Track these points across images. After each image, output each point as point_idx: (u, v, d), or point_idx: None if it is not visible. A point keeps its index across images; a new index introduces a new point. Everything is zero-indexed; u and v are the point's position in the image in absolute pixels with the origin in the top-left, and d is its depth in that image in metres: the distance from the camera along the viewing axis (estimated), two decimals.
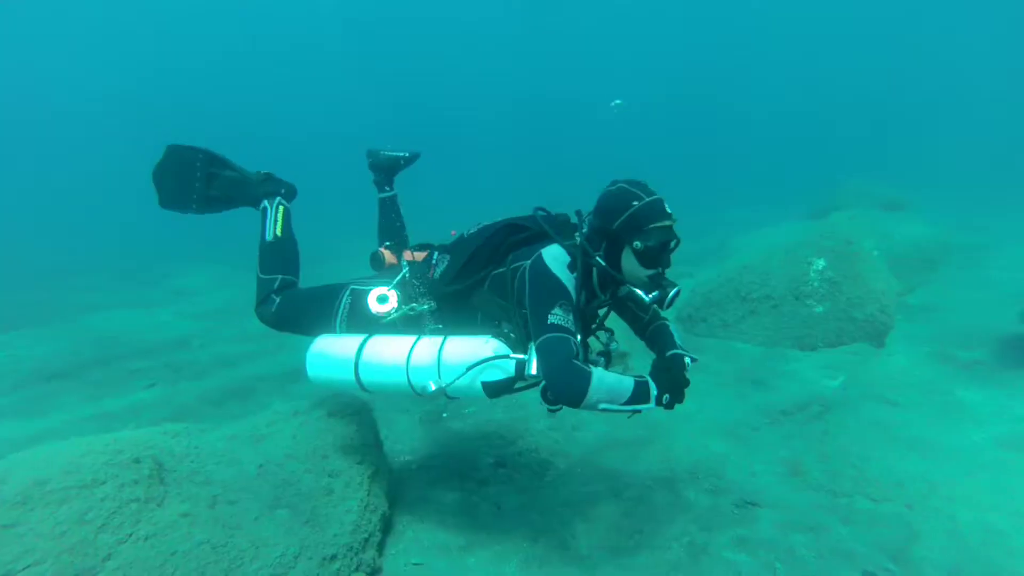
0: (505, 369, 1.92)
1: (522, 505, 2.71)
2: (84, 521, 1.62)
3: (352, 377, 2.17)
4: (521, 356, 1.93)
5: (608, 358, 2.23)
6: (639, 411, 1.89)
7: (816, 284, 5.02)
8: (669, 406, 1.93)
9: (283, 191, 2.72)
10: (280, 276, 2.55)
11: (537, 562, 2.28)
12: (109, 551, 1.59)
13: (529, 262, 1.96)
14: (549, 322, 1.83)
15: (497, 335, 2.00)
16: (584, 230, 2.08)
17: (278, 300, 2.50)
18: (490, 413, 3.67)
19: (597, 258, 2.01)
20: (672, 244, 1.98)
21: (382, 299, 2.22)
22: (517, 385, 1.99)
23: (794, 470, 2.85)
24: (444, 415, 3.74)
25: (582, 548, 2.35)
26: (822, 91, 37.10)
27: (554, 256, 1.96)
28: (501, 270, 2.07)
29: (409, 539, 2.41)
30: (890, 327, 5.00)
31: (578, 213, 2.19)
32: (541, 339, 1.82)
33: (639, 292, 1.96)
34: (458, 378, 1.93)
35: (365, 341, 2.19)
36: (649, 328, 2.40)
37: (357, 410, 2.75)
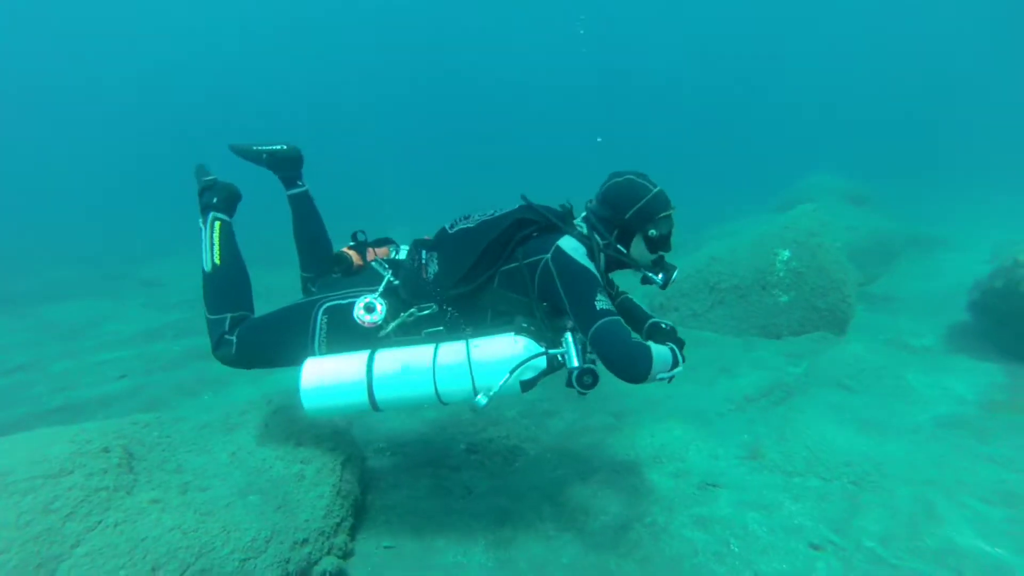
0: (537, 365, 1.93)
1: (492, 489, 2.79)
2: (50, 510, 1.64)
3: (365, 399, 1.98)
4: (556, 350, 1.96)
5: None
6: (674, 375, 1.95)
7: (782, 274, 5.20)
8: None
9: (216, 200, 2.35)
10: (229, 315, 2.24)
11: (505, 543, 2.36)
12: (77, 538, 1.61)
13: (549, 256, 1.97)
14: (598, 308, 1.86)
15: (517, 331, 1.99)
16: (589, 220, 2.19)
17: (235, 340, 2.20)
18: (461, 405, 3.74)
19: (620, 248, 2.12)
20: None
21: (370, 309, 2.06)
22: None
23: (753, 453, 2.99)
24: None
25: (549, 529, 2.44)
26: (791, 87, 37.91)
27: (572, 247, 2.00)
28: (512, 266, 2.03)
29: (381, 523, 2.47)
30: (851, 316, 5.22)
31: (564, 205, 2.23)
32: (597, 325, 1.84)
33: (651, 275, 2.15)
34: (504, 381, 1.87)
35: (372, 357, 1.99)
36: (618, 300, 2.50)
37: None
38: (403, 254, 2.37)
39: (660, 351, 1.92)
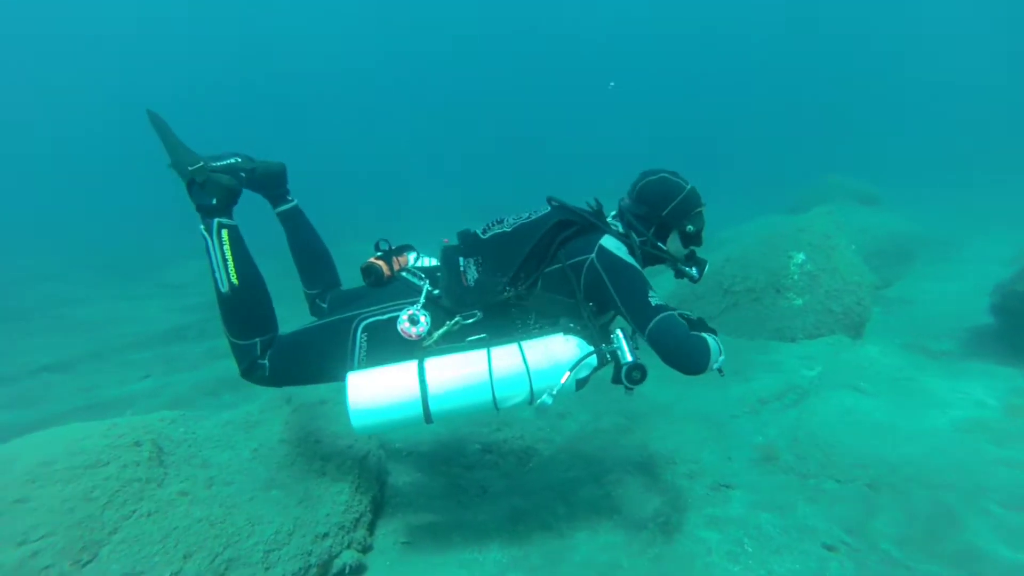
0: (589, 363, 1.94)
1: (506, 489, 2.84)
2: (90, 498, 1.72)
3: (419, 411, 1.86)
4: (607, 347, 1.97)
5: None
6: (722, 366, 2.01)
7: (796, 277, 5.18)
8: None
9: (216, 201, 1.98)
10: (258, 339, 2.03)
11: (520, 541, 2.40)
12: (115, 526, 1.69)
13: (593, 255, 1.97)
14: (653, 304, 1.89)
15: (564, 332, 2.00)
16: (623, 218, 2.23)
17: (267, 364, 2.04)
18: None
19: (659, 244, 2.18)
20: None
21: (414, 322, 1.96)
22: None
23: (767, 455, 2.99)
24: None
25: (562, 528, 2.47)
26: (803, 88, 37.58)
27: (615, 246, 2.02)
28: (556, 267, 2.03)
29: (398, 520, 2.52)
30: (867, 319, 5.17)
31: (591, 204, 2.23)
32: (655, 320, 1.86)
33: (686, 269, 2.21)
34: (565, 380, 1.87)
35: (422, 367, 1.89)
36: None
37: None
38: (420, 261, 2.33)
39: (712, 342, 1.96)
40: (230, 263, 1.96)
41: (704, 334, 1.98)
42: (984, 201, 11.94)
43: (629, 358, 1.89)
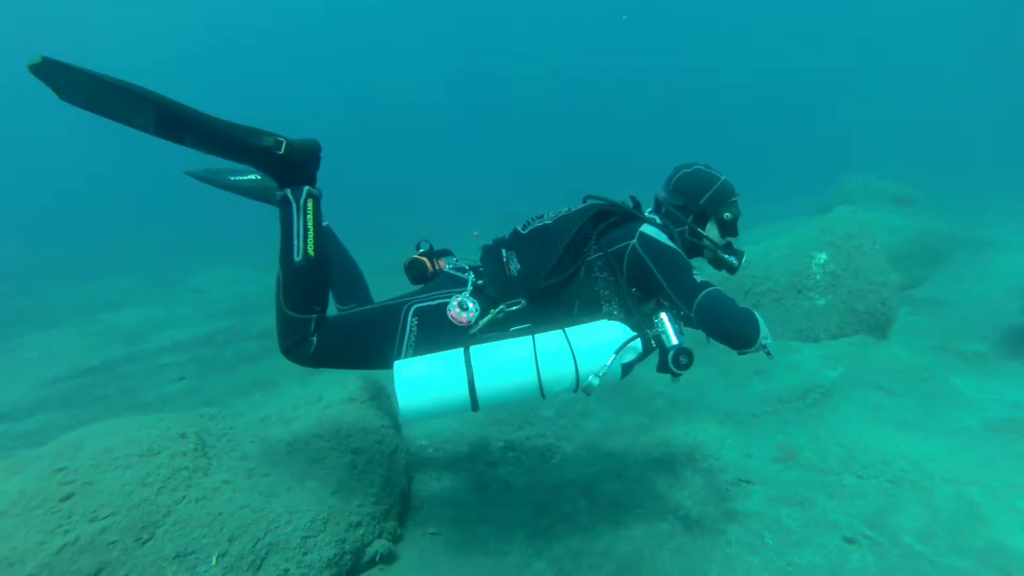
0: (635, 348, 1.95)
1: (530, 484, 2.91)
2: (146, 484, 1.86)
3: (466, 397, 1.87)
4: (652, 331, 2.01)
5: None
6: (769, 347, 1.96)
7: (818, 277, 5.14)
8: None
9: (309, 168, 1.94)
10: (315, 315, 1.96)
11: (543, 533, 2.47)
12: (168, 509, 1.83)
13: (635, 241, 2.02)
14: (699, 281, 1.93)
15: (608, 318, 2.04)
16: (660, 210, 2.30)
17: (315, 340, 1.98)
18: None
19: (699, 231, 2.23)
20: None
21: (464, 308, 2.00)
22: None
23: (788, 452, 3.01)
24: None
25: (584, 521, 2.53)
26: (833, 87, 36.85)
27: (655, 232, 2.06)
28: (598, 255, 2.07)
29: (425, 512, 2.62)
30: (892, 319, 5.11)
31: (633, 198, 2.30)
32: (701, 296, 1.90)
33: (726, 257, 2.25)
34: (611, 362, 1.88)
35: (468, 351, 1.91)
36: None
37: (374, 395, 2.97)
38: (458, 265, 2.36)
39: (760, 317, 1.94)
40: (311, 233, 1.90)
41: (754, 310, 2.00)
42: (1018, 200, 11.59)
43: (675, 341, 1.93)
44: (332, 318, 2.07)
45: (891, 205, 9.41)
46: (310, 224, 1.90)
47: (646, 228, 2.07)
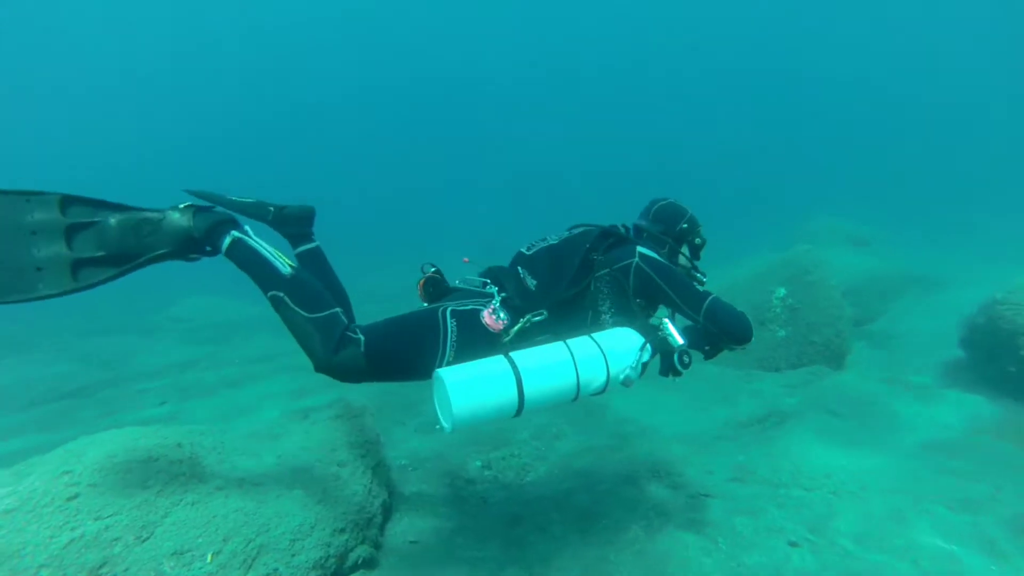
0: (648, 350, 2.18)
1: (505, 499, 3.08)
2: (146, 486, 2.00)
3: (515, 401, 1.92)
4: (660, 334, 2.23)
5: None
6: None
7: (778, 310, 5.51)
8: None
9: (231, 216, 1.96)
10: (339, 308, 1.95)
11: (517, 542, 2.64)
12: (166, 510, 1.97)
13: (636, 259, 2.26)
14: (700, 291, 2.23)
15: (618, 325, 2.28)
16: (641, 235, 2.61)
17: (363, 337, 1.92)
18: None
19: (680, 251, 2.58)
20: None
21: (497, 315, 2.08)
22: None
23: (744, 469, 3.25)
24: (437, 426, 4.11)
25: (556, 531, 2.71)
26: (798, 128, 38.98)
27: (651, 251, 2.34)
28: (604, 271, 2.29)
29: (406, 523, 2.76)
30: (847, 350, 5.47)
31: (624, 226, 2.61)
32: (707, 302, 2.19)
33: (698, 275, 2.58)
34: (637, 361, 2.09)
35: (511, 357, 1.97)
36: None
37: (358, 413, 3.14)
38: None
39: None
40: (278, 251, 1.94)
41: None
42: (976, 241, 12.40)
43: (680, 341, 2.16)
44: (371, 324, 2.02)
45: (850, 245, 10.02)
46: (271, 247, 1.93)
47: (642, 248, 2.37)
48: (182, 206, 1.85)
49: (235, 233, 1.90)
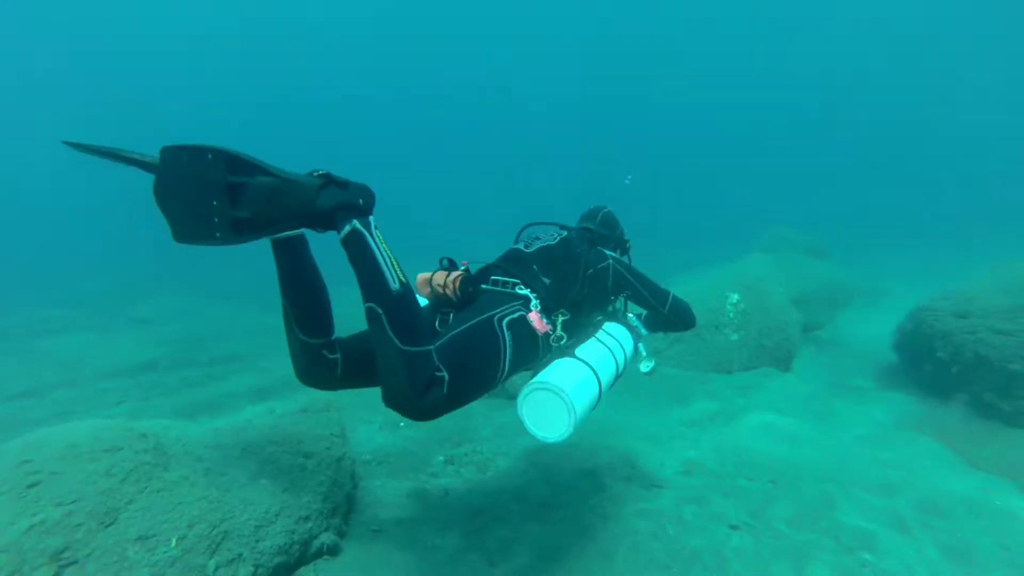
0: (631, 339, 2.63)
1: (467, 491, 3.19)
2: (110, 474, 2.03)
3: (597, 395, 2.16)
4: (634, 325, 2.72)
5: None
6: None
7: (732, 315, 5.80)
8: None
9: (363, 202, 1.74)
10: (431, 346, 1.74)
11: (478, 531, 2.75)
12: (131, 497, 2.00)
13: (611, 261, 2.59)
14: (663, 288, 2.65)
15: (608, 319, 2.63)
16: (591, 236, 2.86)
17: (447, 376, 1.73)
18: (439, 422, 4.15)
19: (623, 252, 2.94)
20: None
21: (542, 317, 2.10)
22: None
23: (694, 463, 3.45)
24: (401, 424, 4.19)
25: (515, 520, 2.84)
26: (762, 144, 40.62)
27: (615, 253, 2.73)
28: (590, 271, 2.52)
29: (370, 514, 2.84)
30: (794, 353, 5.80)
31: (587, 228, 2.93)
32: (671, 297, 2.66)
33: None
34: (635, 349, 2.60)
35: (579, 358, 2.17)
36: None
37: (324, 408, 3.20)
38: None
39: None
40: (394, 260, 1.74)
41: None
42: (924, 253, 13.21)
43: (644, 332, 2.70)
44: (439, 348, 1.80)
45: (803, 255, 10.53)
46: (389, 251, 1.75)
47: (607, 251, 2.70)
48: (316, 174, 1.71)
49: (356, 223, 1.70)
